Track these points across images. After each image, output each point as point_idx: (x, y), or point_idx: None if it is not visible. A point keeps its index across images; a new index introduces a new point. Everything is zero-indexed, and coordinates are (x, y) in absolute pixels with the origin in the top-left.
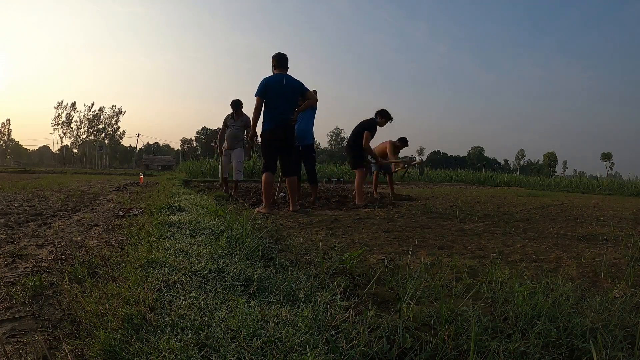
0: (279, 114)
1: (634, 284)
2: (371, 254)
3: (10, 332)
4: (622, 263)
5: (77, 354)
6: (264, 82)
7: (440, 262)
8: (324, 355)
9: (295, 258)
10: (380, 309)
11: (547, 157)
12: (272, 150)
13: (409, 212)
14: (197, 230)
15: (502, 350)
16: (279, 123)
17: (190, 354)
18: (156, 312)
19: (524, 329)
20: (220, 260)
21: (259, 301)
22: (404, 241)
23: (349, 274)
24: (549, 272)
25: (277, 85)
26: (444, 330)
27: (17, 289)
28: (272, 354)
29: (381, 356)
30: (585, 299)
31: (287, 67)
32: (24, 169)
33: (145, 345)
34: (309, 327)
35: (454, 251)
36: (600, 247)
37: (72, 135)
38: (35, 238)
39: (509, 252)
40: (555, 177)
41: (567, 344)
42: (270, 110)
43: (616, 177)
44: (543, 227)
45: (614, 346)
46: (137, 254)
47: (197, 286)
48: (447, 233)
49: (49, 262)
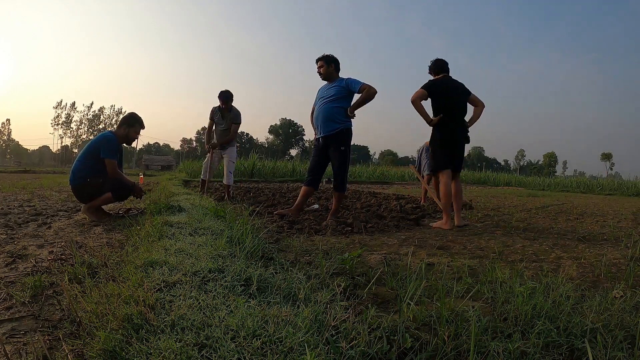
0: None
1: (634, 284)
2: (371, 254)
3: (10, 332)
4: (622, 263)
5: (77, 354)
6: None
7: (440, 262)
8: (324, 355)
9: (295, 258)
10: (380, 309)
11: (547, 157)
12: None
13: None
14: (197, 230)
15: (502, 350)
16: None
17: (190, 354)
18: (156, 312)
19: (524, 329)
20: (220, 261)
21: (259, 301)
22: (405, 241)
23: (349, 274)
24: (549, 272)
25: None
26: (444, 330)
27: (17, 289)
28: (272, 354)
29: (381, 356)
30: (585, 299)
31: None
32: (24, 169)
33: (145, 345)
34: (309, 327)
35: (453, 251)
36: (600, 247)
37: (72, 135)
38: (35, 238)
39: (509, 252)
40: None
41: (567, 344)
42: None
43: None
44: (543, 227)
45: (614, 346)
46: (137, 254)
47: (197, 286)
48: (447, 233)
49: (49, 262)
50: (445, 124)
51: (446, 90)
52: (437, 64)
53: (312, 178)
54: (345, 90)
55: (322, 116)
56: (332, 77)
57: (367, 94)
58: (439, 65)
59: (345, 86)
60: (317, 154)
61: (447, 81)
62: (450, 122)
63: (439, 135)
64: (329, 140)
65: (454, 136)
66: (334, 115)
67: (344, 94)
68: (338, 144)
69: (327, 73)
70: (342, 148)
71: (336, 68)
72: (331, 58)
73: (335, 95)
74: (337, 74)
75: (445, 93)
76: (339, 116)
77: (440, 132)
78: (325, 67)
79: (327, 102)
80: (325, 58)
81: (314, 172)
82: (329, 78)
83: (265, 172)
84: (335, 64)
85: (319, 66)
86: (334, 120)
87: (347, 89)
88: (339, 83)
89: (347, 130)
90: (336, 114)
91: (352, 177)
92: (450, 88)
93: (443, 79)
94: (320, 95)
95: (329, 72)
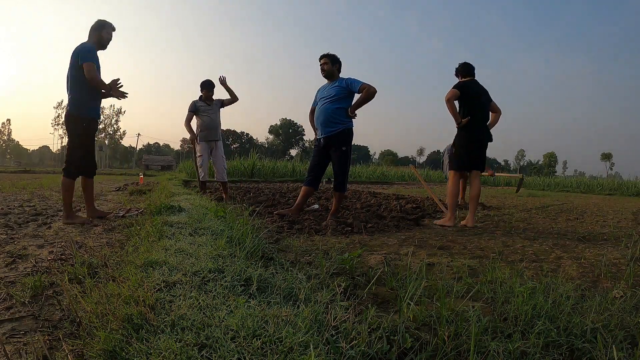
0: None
1: (634, 284)
2: (371, 254)
3: (10, 332)
4: (622, 263)
5: (77, 354)
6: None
7: (440, 262)
8: (324, 355)
9: (295, 258)
10: (380, 309)
11: (547, 157)
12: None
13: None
14: (197, 230)
15: (502, 350)
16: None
17: (190, 354)
18: (156, 312)
19: (524, 329)
20: (220, 261)
21: (259, 301)
22: (405, 241)
23: (349, 274)
24: (549, 272)
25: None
26: (444, 330)
27: (17, 289)
28: (272, 354)
29: (381, 356)
30: (585, 299)
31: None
32: (24, 169)
33: (145, 345)
34: (309, 327)
35: (453, 251)
36: (600, 247)
37: None
38: (35, 238)
39: (509, 252)
40: (555, 177)
41: (567, 344)
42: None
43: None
44: (543, 227)
45: (614, 346)
46: (137, 254)
47: (197, 286)
48: (447, 233)
49: (49, 262)
50: (474, 126)
51: (476, 93)
52: (465, 67)
53: (312, 178)
54: (345, 90)
55: (323, 117)
56: (333, 76)
57: (367, 93)
58: (467, 68)
59: (345, 86)
60: (318, 154)
61: (476, 84)
62: (479, 124)
63: (466, 136)
64: (330, 140)
65: (480, 137)
66: (335, 115)
67: (345, 94)
68: (339, 144)
69: (330, 71)
70: (343, 148)
71: (339, 68)
72: (336, 58)
73: (336, 96)
74: (338, 74)
75: (475, 95)
76: (340, 117)
77: (469, 133)
78: (329, 64)
79: (327, 103)
80: (331, 57)
81: (314, 172)
82: (330, 77)
83: (265, 172)
84: (339, 64)
85: (322, 62)
86: (335, 121)
87: (348, 89)
88: (339, 83)
89: (349, 130)
90: (337, 114)
91: (352, 177)
92: (479, 92)
93: (473, 82)
94: (321, 96)
95: (332, 70)
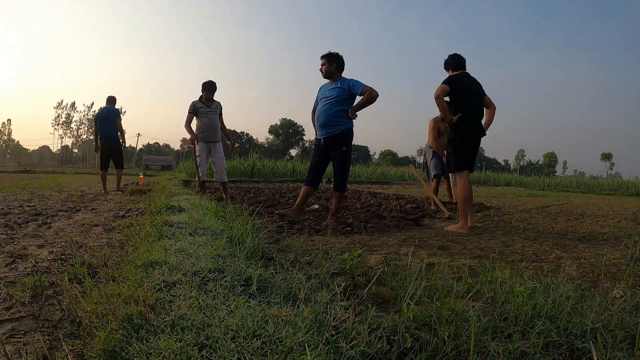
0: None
1: (634, 284)
2: (371, 254)
3: (10, 332)
4: (622, 263)
5: (77, 354)
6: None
7: (440, 262)
8: (324, 355)
9: (295, 258)
10: (380, 309)
11: (547, 157)
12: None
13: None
14: (197, 230)
15: (502, 350)
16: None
17: (190, 354)
18: (156, 312)
19: (524, 329)
20: (220, 261)
21: (259, 301)
22: (405, 241)
23: (349, 274)
24: (549, 272)
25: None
26: (444, 330)
27: (17, 289)
28: (272, 354)
29: (381, 356)
30: (585, 299)
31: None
32: (24, 169)
33: (145, 345)
34: (309, 327)
35: (453, 251)
36: (600, 247)
37: (72, 135)
38: (35, 238)
39: (509, 252)
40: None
41: (567, 344)
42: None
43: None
44: (543, 227)
45: (614, 346)
46: (137, 254)
47: (197, 286)
48: (447, 233)
49: (49, 262)
50: (468, 122)
51: (468, 87)
52: (456, 60)
53: (312, 178)
54: (346, 92)
55: (323, 117)
56: (334, 76)
57: (369, 97)
58: (457, 61)
59: (347, 88)
60: (318, 154)
61: (468, 78)
62: (473, 120)
63: (462, 134)
64: (331, 141)
65: (476, 134)
66: (335, 116)
67: (345, 95)
68: (339, 145)
69: (329, 71)
70: (343, 148)
71: (338, 67)
72: (333, 57)
73: (337, 98)
74: (340, 73)
75: (467, 90)
76: (340, 117)
77: (464, 131)
78: (327, 65)
79: (328, 103)
80: (328, 56)
81: (314, 172)
82: (330, 77)
83: (265, 172)
84: (338, 63)
85: (321, 64)
86: (336, 122)
87: (349, 90)
88: (341, 84)
89: (349, 130)
90: (337, 116)
91: (352, 177)
92: (471, 85)
93: (464, 76)
94: (322, 95)
95: (330, 70)
